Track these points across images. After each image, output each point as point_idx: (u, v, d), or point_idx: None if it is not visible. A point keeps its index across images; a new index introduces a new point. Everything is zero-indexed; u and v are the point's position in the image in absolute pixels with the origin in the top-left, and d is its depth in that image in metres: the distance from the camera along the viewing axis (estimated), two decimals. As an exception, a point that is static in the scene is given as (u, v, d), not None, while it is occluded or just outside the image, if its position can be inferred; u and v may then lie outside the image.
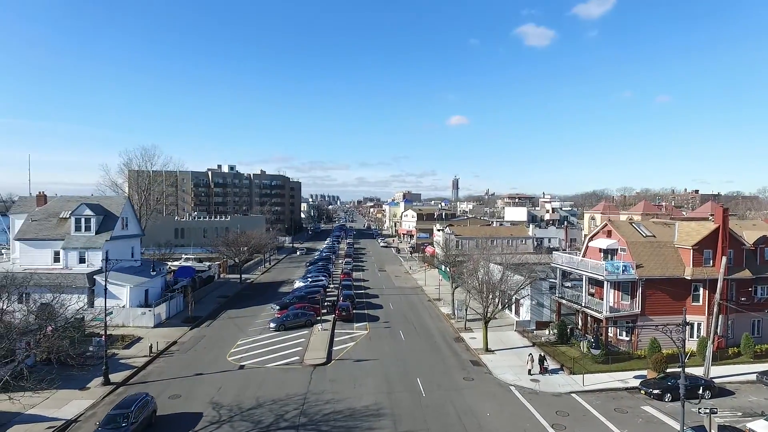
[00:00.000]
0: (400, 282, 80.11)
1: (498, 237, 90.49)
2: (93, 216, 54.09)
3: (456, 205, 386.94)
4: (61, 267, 52.75)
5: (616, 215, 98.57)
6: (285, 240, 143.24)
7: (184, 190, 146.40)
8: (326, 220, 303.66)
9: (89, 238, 53.56)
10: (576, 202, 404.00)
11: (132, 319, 48.83)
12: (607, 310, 40.43)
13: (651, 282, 40.41)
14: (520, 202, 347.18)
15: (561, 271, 47.87)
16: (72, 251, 53.11)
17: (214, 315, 55.35)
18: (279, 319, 48.65)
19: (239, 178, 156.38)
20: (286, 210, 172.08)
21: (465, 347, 44.13)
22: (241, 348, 42.47)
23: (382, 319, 53.84)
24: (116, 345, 41.83)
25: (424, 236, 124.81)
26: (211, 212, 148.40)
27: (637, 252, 41.38)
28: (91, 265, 52.83)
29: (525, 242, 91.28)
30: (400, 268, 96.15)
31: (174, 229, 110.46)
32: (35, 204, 58.79)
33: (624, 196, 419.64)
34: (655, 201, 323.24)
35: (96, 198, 59.23)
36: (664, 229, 44.26)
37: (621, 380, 35.89)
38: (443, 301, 63.10)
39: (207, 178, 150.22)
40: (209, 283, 71.51)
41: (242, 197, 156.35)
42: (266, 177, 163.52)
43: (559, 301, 47.45)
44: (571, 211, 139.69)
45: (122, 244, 57.48)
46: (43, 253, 53.61)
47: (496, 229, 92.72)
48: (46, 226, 54.83)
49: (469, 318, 50.61)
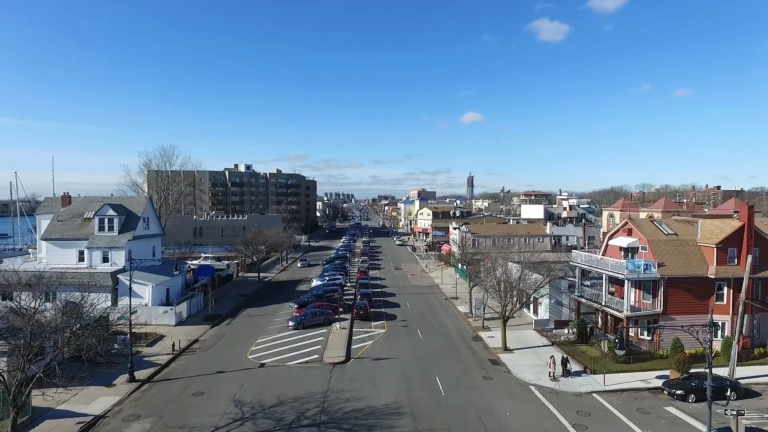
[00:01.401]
0: (417, 280, 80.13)
1: (515, 235, 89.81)
2: (116, 216, 55.22)
3: (471, 203, 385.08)
4: (85, 266, 54.01)
5: (635, 212, 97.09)
6: (301, 239, 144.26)
7: (201, 189, 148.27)
8: (341, 218, 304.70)
9: (112, 237, 54.71)
10: (593, 199, 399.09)
11: (154, 318, 49.79)
12: (628, 310, 39.94)
13: (673, 281, 39.80)
14: (536, 199, 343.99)
15: (580, 269, 47.40)
16: (96, 251, 54.34)
17: (234, 313, 56.11)
18: (298, 318, 49.13)
19: (256, 177, 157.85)
20: (302, 209, 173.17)
21: (483, 346, 44.03)
22: (261, 346, 43.02)
23: (400, 318, 53.98)
24: (140, 343, 42.70)
25: (440, 234, 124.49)
26: (229, 211, 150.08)
27: (659, 250, 40.77)
28: (115, 264, 54.00)
29: (542, 240, 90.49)
30: (416, 267, 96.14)
31: (193, 228, 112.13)
32: (60, 204, 60.21)
33: (643, 193, 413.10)
34: (675, 198, 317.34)
35: (118, 198, 60.47)
36: (687, 227, 43.51)
37: (643, 380, 35.46)
38: (460, 299, 62.97)
39: (224, 178, 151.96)
40: (228, 281, 72.48)
41: (259, 196, 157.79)
42: (282, 176, 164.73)
43: (579, 300, 47.02)
44: (588, 209, 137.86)
45: (144, 243, 58.58)
46: (69, 253, 54.94)
47: (513, 227, 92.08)
48: (71, 226, 56.15)
49: (486, 317, 50.46)
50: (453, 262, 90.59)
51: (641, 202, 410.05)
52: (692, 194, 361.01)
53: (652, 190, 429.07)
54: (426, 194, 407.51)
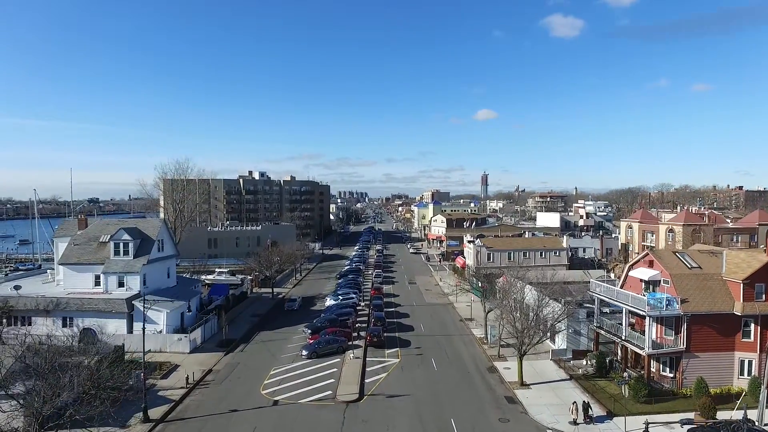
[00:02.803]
0: (431, 297, 79.36)
1: (530, 249, 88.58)
2: (130, 240, 55.54)
3: (485, 204, 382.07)
4: (101, 290, 54.47)
5: (654, 224, 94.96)
6: (315, 246, 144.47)
7: (216, 197, 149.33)
8: (355, 221, 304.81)
9: (127, 262, 55.03)
10: (611, 199, 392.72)
11: (169, 345, 49.96)
12: (650, 347, 38.74)
13: (697, 317, 38.48)
14: (552, 201, 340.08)
15: (599, 299, 46.21)
16: (111, 275, 54.73)
17: (248, 337, 56.09)
18: (311, 347, 48.82)
19: (269, 184, 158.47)
20: (316, 215, 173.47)
21: (499, 379, 43.20)
22: (274, 379, 42.76)
23: (414, 344, 53.35)
24: (154, 375, 42.79)
25: (454, 244, 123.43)
26: (243, 219, 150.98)
27: (682, 285, 39.47)
28: (130, 289, 54.33)
29: (559, 254, 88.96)
30: (431, 280, 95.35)
31: (207, 239, 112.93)
32: (77, 227, 60.86)
33: (661, 193, 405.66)
34: (695, 201, 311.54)
35: (134, 221, 60.85)
36: (711, 259, 42.07)
37: (666, 423, 34.37)
38: (475, 321, 62.10)
39: (238, 186, 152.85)
40: (242, 300, 72.61)
41: (273, 203, 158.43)
42: (296, 183, 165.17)
43: (598, 331, 45.86)
44: (606, 216, 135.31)
45: (159, 266, 58.86)
46: (85, 277, 55.47)
47: (529, 241, 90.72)
48: (87, 251, 56.66)
49: (502, 343, 49.50)
50: (467, 277, 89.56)
51: (660, 202, 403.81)
52: (713, 194, 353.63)
53: (671, 190, 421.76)
54: (440, 196, 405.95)
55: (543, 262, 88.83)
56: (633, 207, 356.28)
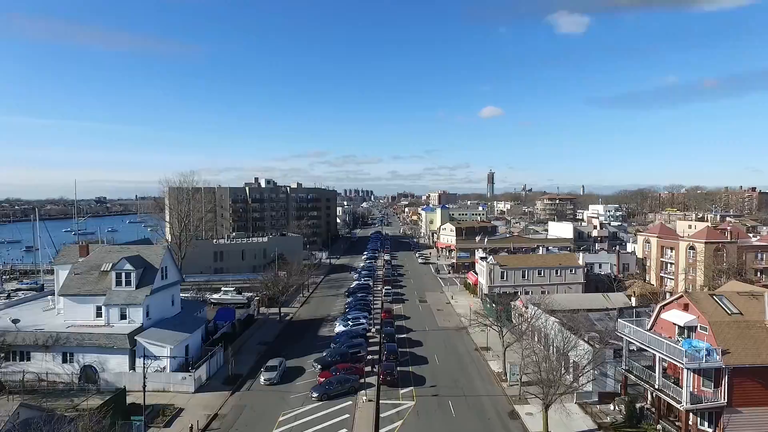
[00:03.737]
0: (443, 319, 76.61)
1: (546, 267, 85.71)
2: (133, 270, 53.29)
3: (493, 206, 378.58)
4: (103, 323, 52.32)
5: (673, 240, 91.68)
6: (322, 256, 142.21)
7: (222, 206, 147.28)
8: (362, 224, 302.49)
9: (129, 293, 52.79)
10: (620, 201, 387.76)
11: (172, 384, 47.69)
12: (688, 401, 35.91)
13: (740, 370, 35.60)
14: (561, 204, 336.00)
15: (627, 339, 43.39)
16: (113, 307, 52.53)
17: (255, 371, 53.73)
18: (321, 388, 46.33)
19: (276, 192, 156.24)
20: (322, 222, 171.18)
21: (522, 429, 40.54)
22: (284, 428, 40.35)
23: (429, 380, 50.78)
24: (156, 422, 40.54)
25: (465, 255, 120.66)
26: (249, 228, 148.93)
27: (722, 334, 36.57)
28: (132, 322, 52.13)
29: (575, 272, 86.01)
30: (442, 297, 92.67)
31: (213, 253, 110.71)
32: (78, 254, 58.76)
33: (672, 195, 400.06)
34: (707, 204, 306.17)
35: (136, 248, 58.55)
36: (751, 303, 39.10)
37: (708, 491, 31.62)
38: (492, 352, 59.36)
39: (245, 194, 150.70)
40: (249, 324, 70.34)
41: (279, 211, 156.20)
42: (302, 190, 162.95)
43: (627, 374, 43.08)
44: (621, 227, 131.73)
45: (162, 295, 56.62)
46: (86, 308, 53.34)
47: (544, 258, 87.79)
48: (88, 280, 54.48)
49: (524, 379, 46.73)
50: (481, 297, 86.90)
51: (670, 204, 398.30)
52: (725, 196, 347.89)
53: (681, 191, 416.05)
54: (447, 198, 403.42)
55: (558, 280, 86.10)
56: (644, 209, 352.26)
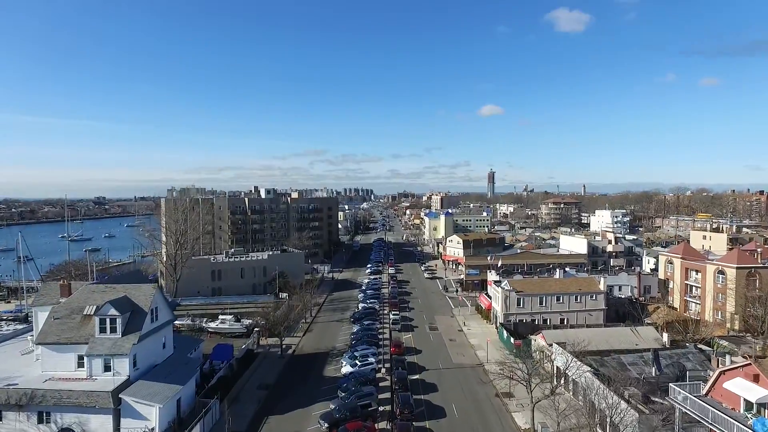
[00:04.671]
0: (458, 352, 71.12)
1: (565, 293, 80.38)
2: (118, 316, 47.74)
3: (496, 209, 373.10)
4: (85, 375, 46.91)
5: (700, 262, 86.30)
6: (324, 270, 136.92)
7: (221, 218, 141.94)
8: (363, 229, 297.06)
9: (115, 342, 47.31)
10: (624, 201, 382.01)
11: (162, 452, 42.35)
12: (763, 496, 30.59)
13: (825, 460, 30.26)
14: (566, 207, 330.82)
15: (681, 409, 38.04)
16: (97, 358, 47.05)
17: (255, 425, 48.49)
18: (330, 457, 41.02)
19: (276, 203, 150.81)
20: (324, 231, 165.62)
21: None
22: None
23: (449, 441, 45.48)
24: None
25: (474, 273, 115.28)
26: (249, 240, 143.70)
27: (803, 415, 31.22)
28: (117, 374, 46.67)
29: (595, 298, 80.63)
30: (453, 323, 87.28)
31: (210, 272, 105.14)
32: (59, 293, 53.35)
33: (677, 197, 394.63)
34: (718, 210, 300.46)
35: (123, 288, 52.97)
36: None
37: None
38: (516, 400, 53.98)
39: (244, 205, 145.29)
40: (249, 361, 64.98)
41: (280, 222, 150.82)
42: (303, 201, 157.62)
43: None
44: (636, 241, 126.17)
45: (152, 340, 51.12)
46: (66, 358, 47.88)
47: (563, 283, 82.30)
48: (69, 326, 49.00)
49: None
50: (495, 324, 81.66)
51: (675, 207, 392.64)
52: (732, 199, 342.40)
53: (687, 193, 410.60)
54: (449, 201, 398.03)
55: (578, 307, 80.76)
56: (649, 211, 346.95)
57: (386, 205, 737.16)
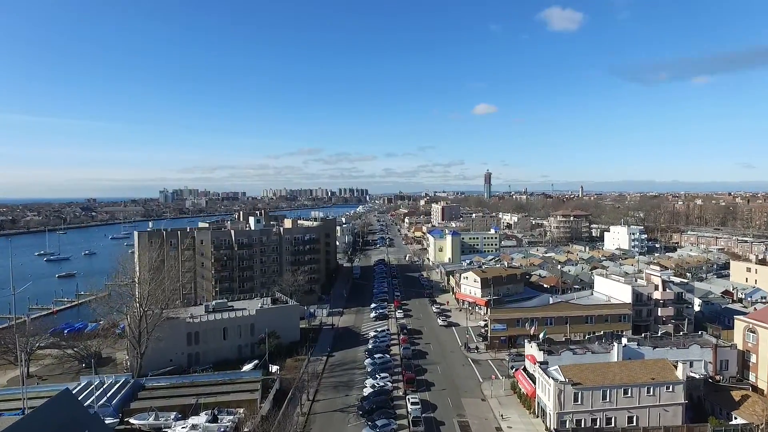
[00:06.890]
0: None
1: (634, 385, 63.06)
2: None
3: (499, 220, 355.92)
4: None
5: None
6: (322, 314, 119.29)
7: (203, 253, 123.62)
8: (362, 244, 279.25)
9: None
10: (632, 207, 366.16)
11: None
12: None
13: None
14: (576, 221, 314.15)
15: None
16: None
17: None
18: None
19: (267, 234, 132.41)
20: (321, 263, 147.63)
21: None
22: None
23: None
24: None
25: (501, 328, 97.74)
26: (235, 279, 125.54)
27: None
28: None
29: (672, 389, 63.35)
30: (486, 412, 69.58)
31: (186, 335, 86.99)
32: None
33: (687, 206, 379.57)
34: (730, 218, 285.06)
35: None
36: None
37: None
38: None
39: (229, 238, 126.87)
40: None
41: (271, 256, 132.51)
42: (298, 231, 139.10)
43: None
44: (687, 287, 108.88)
45: None
46: None
47: (629, 371, 64.49)
48: None
49: None
50: (546, 423, 64.17)
51: (686, 216, 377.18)
52: (747, 211, 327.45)
53: (697, 202, 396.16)
54: (451, 210, 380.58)
55: (651, 401, 63.53)
56: (660, 222, 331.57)
57: (383, 208, 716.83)
